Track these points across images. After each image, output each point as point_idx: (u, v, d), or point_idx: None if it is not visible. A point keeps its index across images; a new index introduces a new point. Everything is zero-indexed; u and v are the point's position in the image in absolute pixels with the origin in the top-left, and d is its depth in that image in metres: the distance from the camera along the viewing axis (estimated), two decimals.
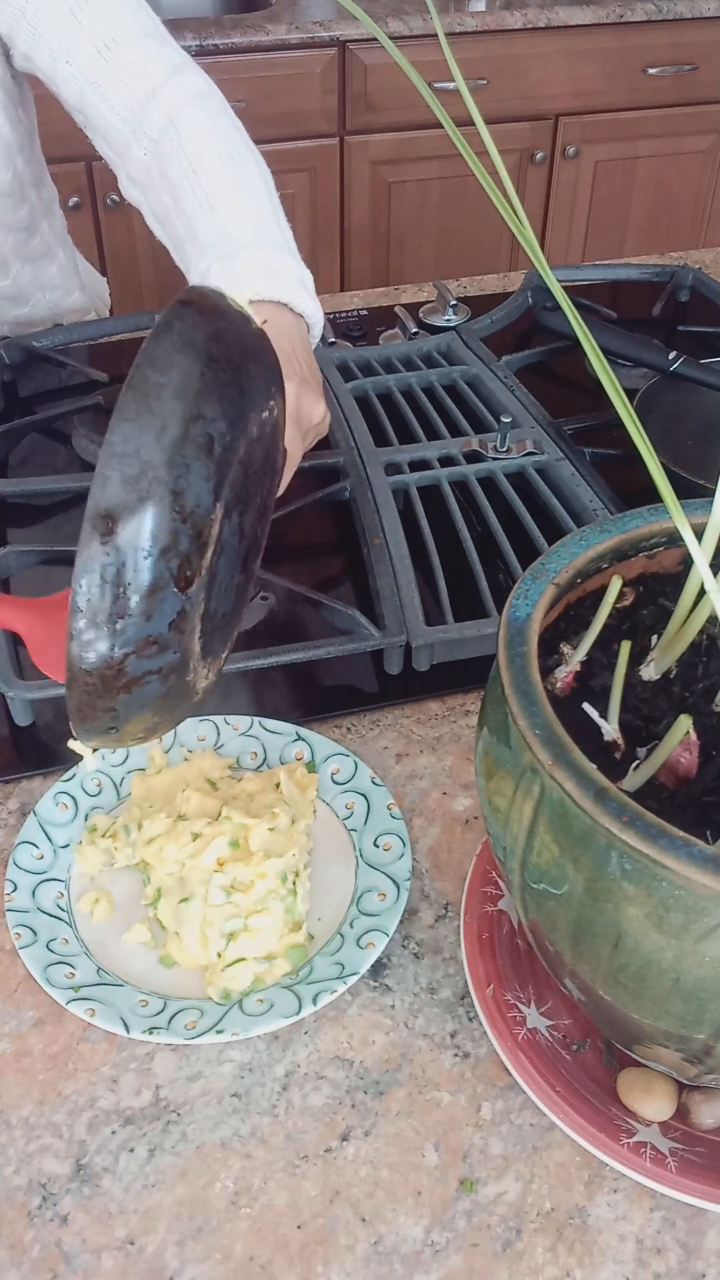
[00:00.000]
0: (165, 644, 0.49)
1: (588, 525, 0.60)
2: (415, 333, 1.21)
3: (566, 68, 2.30)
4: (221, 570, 0.54)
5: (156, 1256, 0.53)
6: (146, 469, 0.46)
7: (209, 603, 0.53)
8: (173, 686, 0.52)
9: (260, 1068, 0.60)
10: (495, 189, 0.47)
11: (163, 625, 0.48)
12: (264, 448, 0.56)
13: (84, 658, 0.47)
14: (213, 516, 0.49)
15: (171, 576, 0.47)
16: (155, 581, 0.47)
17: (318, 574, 0.92)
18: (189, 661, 0.52)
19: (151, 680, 0.50)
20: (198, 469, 0.48)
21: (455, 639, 0.81)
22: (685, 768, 0.50)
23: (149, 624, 0.48)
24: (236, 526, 0.54)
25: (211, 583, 0.52)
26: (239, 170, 0.90)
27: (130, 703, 0.50)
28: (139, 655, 0.48)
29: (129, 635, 0.47)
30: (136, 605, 0.47)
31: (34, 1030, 0.62)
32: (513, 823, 0.49)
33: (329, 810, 0.72)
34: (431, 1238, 0.54)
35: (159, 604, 0.47)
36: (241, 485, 0.53)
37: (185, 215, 0.89)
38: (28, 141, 1.13)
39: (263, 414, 0.54)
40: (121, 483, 0.46)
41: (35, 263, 1.22)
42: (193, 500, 0.47)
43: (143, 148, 0.93)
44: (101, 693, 0.49)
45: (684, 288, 1.33)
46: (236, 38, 2.05)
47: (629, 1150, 0.55)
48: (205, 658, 0.55)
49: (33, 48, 0.95)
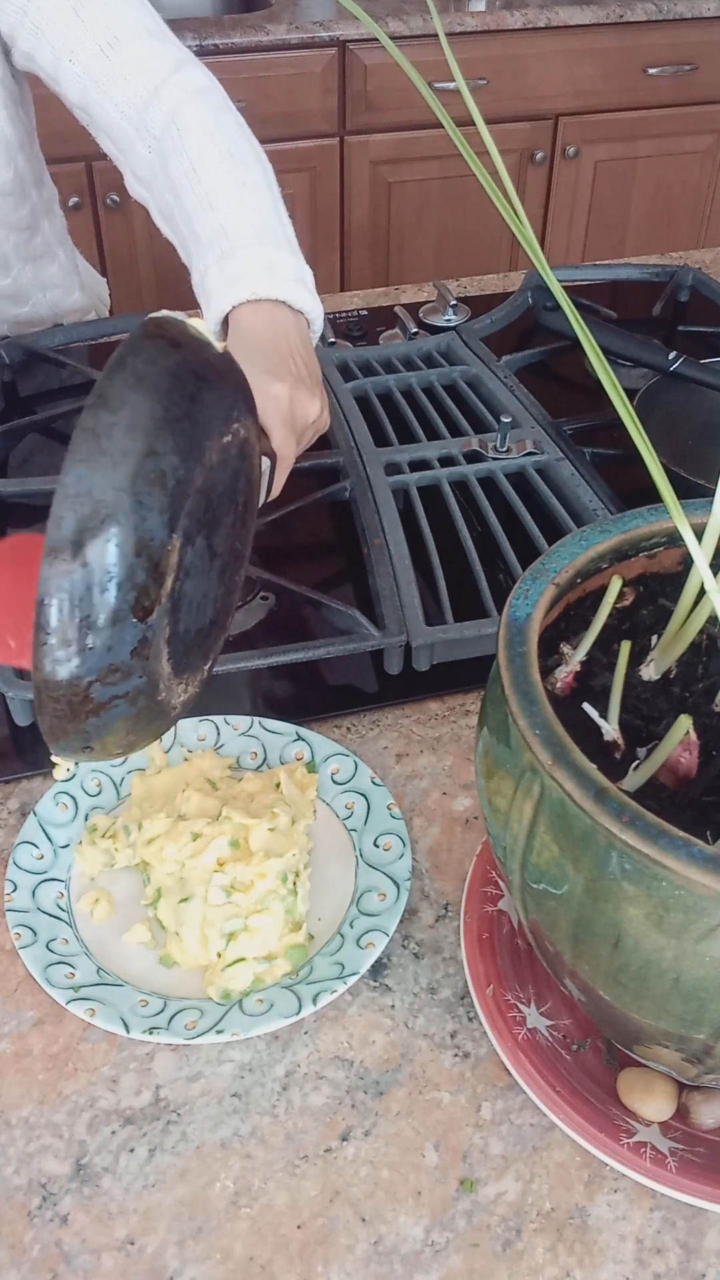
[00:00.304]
0: (129, 670, 0.50)
1: (588, 525, 0.60)
2: (415, 333, 1.22)
3: (566, 68, 2.30)
4: (189, 591, 0.55)
5: (156, 1256, 0.53)
6: (99, 508, 0.47)
7: (177, 625, 0.54)
8: (143, 708, 0.53)
9: (260, 1068, 0.60)
10: (495, 189, 0.47)
11: (124, 654, 0.50)
12: (230, 470, 0.57)
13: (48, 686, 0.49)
14: (169, 548, 0.50)
15: (130, 609, 0.49)
16: (113, 615, 0.48)
17: (318, 574, 0.92)
18: (158, 683, 0.53)
19: (119, 704, 0.51)
20: (151, 503, 0.49)
21: (455, 639, 0.81)
22: (685, 768, 0.50)
23: (110, 654, 0.49)
24: (204, 549, 0.56)
25: (176, 607, 0.53)
26: (239, 167, 0.90)
27: (100, 725, 0.52)
28: (103, 683, 0.50)
29: (91, 665, 0.49)
30: (96, 638, 0.48)
31: (34, 1030, 0.62)
32: (513, 823, 0.49)
33: (329, 810, 0.72)
34: (431, 1238, 0.54)
35: (119, 635, 0.49)
36: (204, 510, 0.54)
37: (186, 214, 0.89)
38: (28, 140, 1.13)
39: (223, 439, 0.55)
40: (75, 522, 0.47)
41: (36, 262, 1.22)
42: (147, 534, 0.49)
43: (146, 145, 0.93)
44: (70, 717, 0.50)
45: (684, 288, 1.33)
46: (236, 38, 2.05)
47: (629, 1150, 0.55)
48: (179, 675, 0.56)
49: (35, 46, 0.95)
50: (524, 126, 2.35)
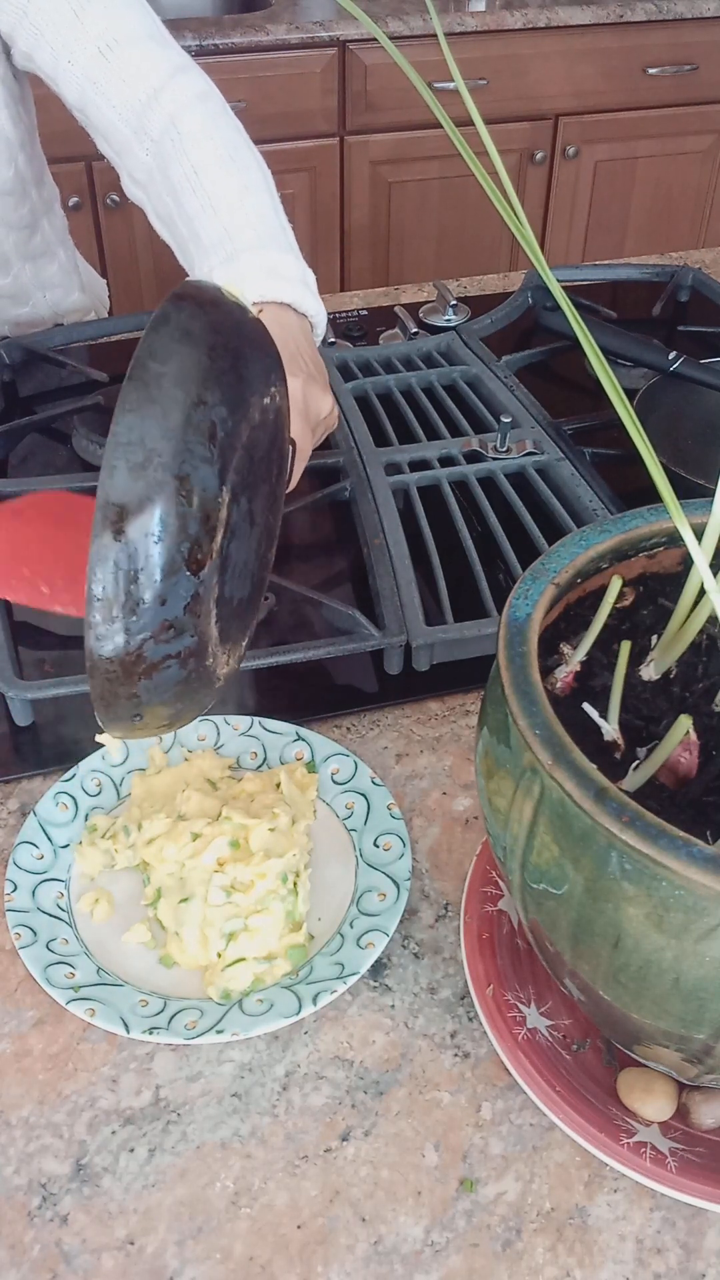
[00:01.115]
0: (182, 628, 0.50)
1: (588, 525, 0.60)
2: (415, 333, 1.21)
3: (566, 68, 2.30)
4: (234, 554, 0.55)
5: (156, 1256, 0.53)
6: (151, 456, 0.47)
7: (223, 587, 0.54)
8: (193, 671, 0.52)
9: (260, 1068, 0.60)
10: (495, 189, 0.47)
11: (178, 609, 0.49)
12: (268, 434, 0.57)
13: (102, 647, 0.48)
14: (220, 500, 0.50)
15: (183, 560, 0.48)
16: (168, 566, 0.48)
17: (318, 574, 0.92)
18: (207, 646, 0.53)
19: (171, 665, 0.51)
20: (202, 454, 0.48)
21: (455, 639, 0.81)
22: (685, 768, 0.50)
23: (164, 609, 0.48)
24: (246, 511, 0.55)
25: (224, 567, 0.53)
26: (240, 171, 0.90)
27: (152, 689, 0.51)
28: (156, 640, 0.49)
29: (145, 621, 0.48)
30: (151, 591, 0.48)
31: (34, 1030, 0.62)
32: (513, 823, 0.49)
33: (329, 810, 0.72)
34: (431, 1238, 0.54)
35: (173, 588, 0.48)
36: (248, 470, 0.54)
37: (187, 217, 0.89)
38: (29, 140, 1.13)
39: (264, 400, 0.55)
40: (128, 471, 0.47)
41: (36, 261, 1.22)
42: (199, 485, 0.48)
43: (144, 148, 0.94)
44: (123, 680, 0.50)
45: (684, 288, 1.33)
46: (236, 38, 2.05)
47: (629, 1150, 0.55)
48: (224, 643, 0.56)
49: (34, 47, 0.95)
50: (524, 126, 2.35)
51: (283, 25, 2.08)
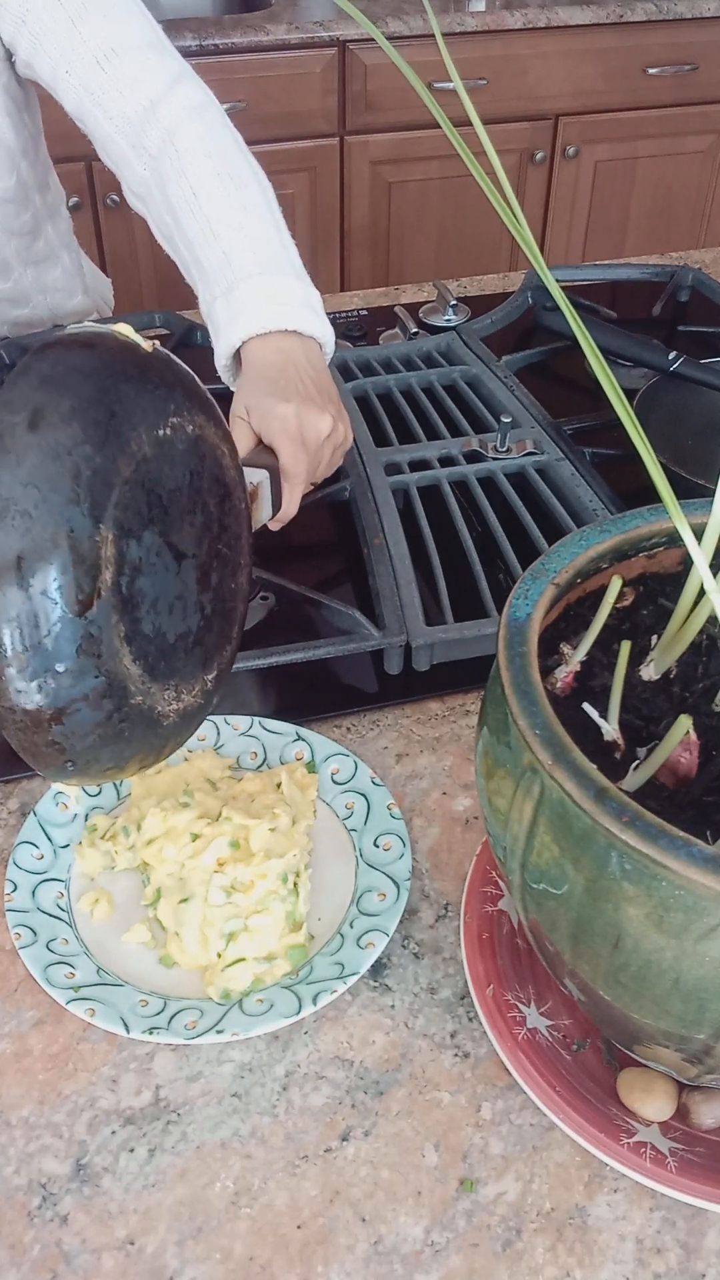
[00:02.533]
0: (80, 670, 0.50)
1: (588, 525, 0.60)
2: (415, 333, 1.22)
3: (566, 68, 2.30)
4: (147, 590, 0.54)
5: (156, 1256, 0.53)
6: (8, 505, 0.48)
7: (135, 624, 0.53)
8: (113, 712, 0.52)
9: (260, 1068, 0.60)
10: (493, 190, 0.47)
11: (68, 652, 0.49)
12: (181, 466, 0.57)
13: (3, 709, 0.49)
14: (98, 538, 0.50)
15: (63, 601, 0.48)
16: (44, 610, 0.48)
17: (318, 574, 0.92)
18: (125, 685, 0.52)
19: (80, 708, 0.50)
20: (64, 492, 0.49)
21: (455, 639, 0.81)
22: (685, 768, 0.50)
23: (50, 654, 0.49)
24: (158, 546, 0.55)
25: (129, 605, 0.52)
26: (239, 190, 0.89)
27: (70, 734, 0.51)
28: (58, 682, 0.49)
29: (37, 666, 0.48)
30: (33, 636, 0.48)
31: (34, 1030, 0.62)
32: (513, 823, 0.49)
33: (329, 810, 0.72)
34: (431, 1238, 0.54)
35: (59, 631, 0.48)
36: (146, 504, 0.54)
37: (188, 240, 0.89)
38: (32, 146, 1.12)
39: (158, 432, 0.55)
40: None
41: (38, 266, 1.22)
42: (65, 525, 0.49)
43: (142, 163, 0.93)
44: (34, 729, 0.50)
45: (684, 288, 1.33)
46: (236, 38, 2.05)
47: (629, 1150, 0.55)
48: (158, 679, 0.55)
49: (34, 56, 0.95)
50: (524, 126, 2.35)
51: (283, 25, 2.08)
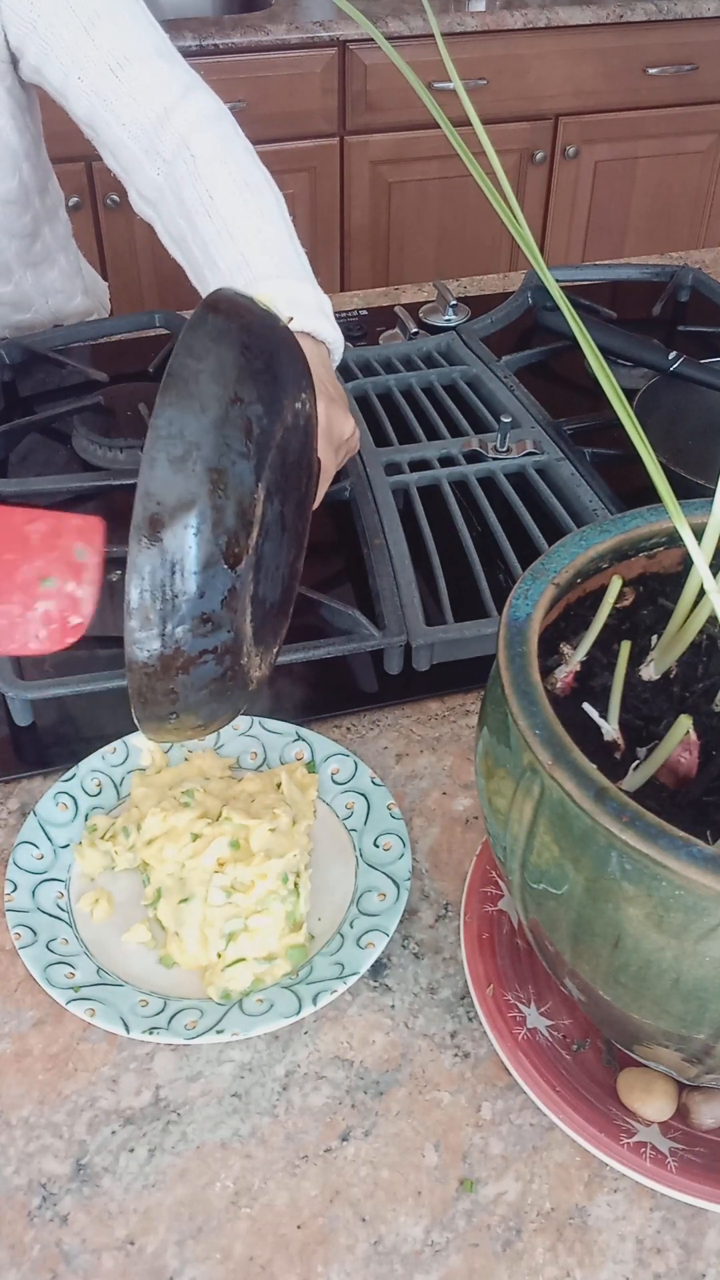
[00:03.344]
0: (219, 622, 0.51)
1: (588, 525, 0.60)
2: (415, 333, 1.22)
3: (566, 68, 2.30)
4: (267, 554, 0.55)
5: (156, 1256, 0.53)
6: (191, 450, 0.48)
7: (258, 586, 0.54)
8: (229, 669, 0.53)
9: (260, 1068, 0.60)
10: (492, 190, 0.47)
11: (215, 602, 0.50)
12: (299, 439, 0.58)
13: (142, 640, 0.49)
14: (256, 496, 0.51)
15: (221, 553, 0.49)
16: (206, 558, 0.49)
17: (318, 574, 0.92)
18: (242, 644, 0.53)
19: (208, 660, 0.51)
20: (238, 448, 0.50)
21: (455, 639, 0.81)
22: (685, 768, 0.50)
23: (202, 601, 0.50)
24: (278, 514, 0.56)
25: (259, 565, 0.54)
26: (255, 197, 0.90)
27: (189, 685, 0.52)
28: (195, 634, 0.50)
29: (184, 613, 0.49)
30: (190, 584, 0.49)
31: (34, 1030, 0.62)
32: (513, 823, 0.49)
33: (329, 810, 0.72)
34: (431, 1238, 0.54)
35: (210, 580, 0.49)
36: (280, 472, 0.55)
37: (202, 241, 0.90)
38: (34, 149, 1.12)
39: (296, 404, 0.56)
40: (169, 464, 0.48)
41: (37, 268, 1.22)
42: (236, 479, 0.50)
43: (156, 168, 0.93)
44: (160, 675, 0.51)
45: (684, 288, 1.33)
46: (236, 38, 2.05)
47: (629, 1150, 0.55)
48: (257, 645, 0.57)
49: (43, 61, 0.95)
50: (524, 126, 2.35)
51: (283, 25, 2.08)
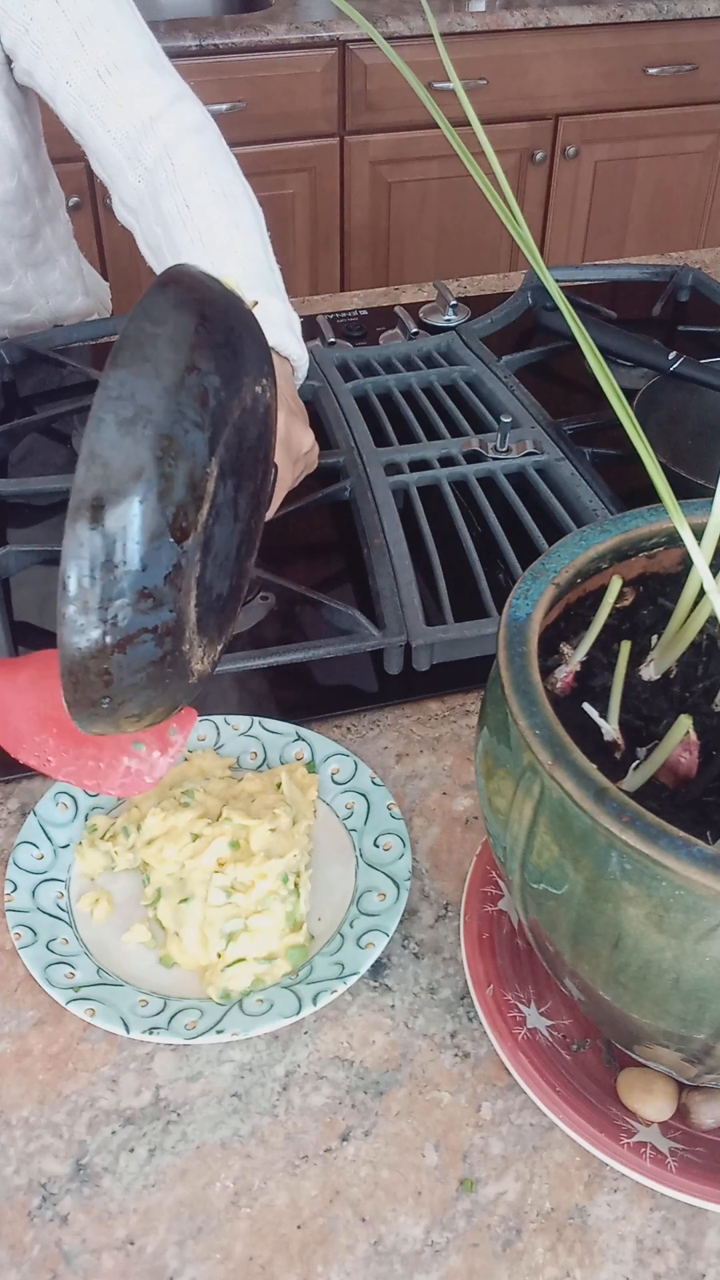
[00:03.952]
0: (161, 598, 0.48)
1: (588, 525, 0.60)
2: (415, 333, 1.22)
3: (566, 68, 2.30)
4: (217, 538, 0.53)
5: (156, 1256, 0.53)
6: (141, 413, 0.45)
7: (205, 570, 0.52)
8: (168, 653, 0.50)
9: (260, 1068, 0.60)
10: (492, 190, 0.47)
11: (158, 577, 0.47)
12: (257, 425, 0.56)
13: (77, 613, 0.46)
14: (208, 470, 0.48)
15: (167, 525, 0.46)
16: (153, 529, 0.46)
17: (318, 574, 0.92)
18: (185, 627, 0.51)
19: (147, 640, 0.48)
20: (192, 417, 0.47)
21: (455, 639, 0.81)
22: (685, 768, 0.50)
23: (144, 575, 0.46)
24: (231, 498, 0.54)
25: (208, 547, 0.51)
26: (232, 209, 0.90)
27: (125, 665, 0.48)
28: (135, 609, 0.47)
29: (124, 585, 0.46)
30: (132, 554, 0.46)
31: (34, 1030, 0.62)
32: (513, 823, 0.49)
33: (329, 810, 0.72)
34: (431, 1238, 0.54)
35: (154, 553, 0.46)
36: (236, 454, 0.53)
37: (176, 250, 0.89)
38: (33, 149, 1.12)
39: (255, 386, 0.54)
40: (116, 426, 0.45)
41: (38, 269, 1.22)
42: (188, 447, 0.47)
43: (137, 175, 0.93)
44: (96, 653, 0.47)
45: (684, 288, 1.34)
46: (236, 38, 2.05)
47: (629, 1150, 0.55)
48: (201, 634, 0.54)
49: (34, 64, 0.95)
50: (524, 126, 2.35)
51: (283, 25, 2.08)
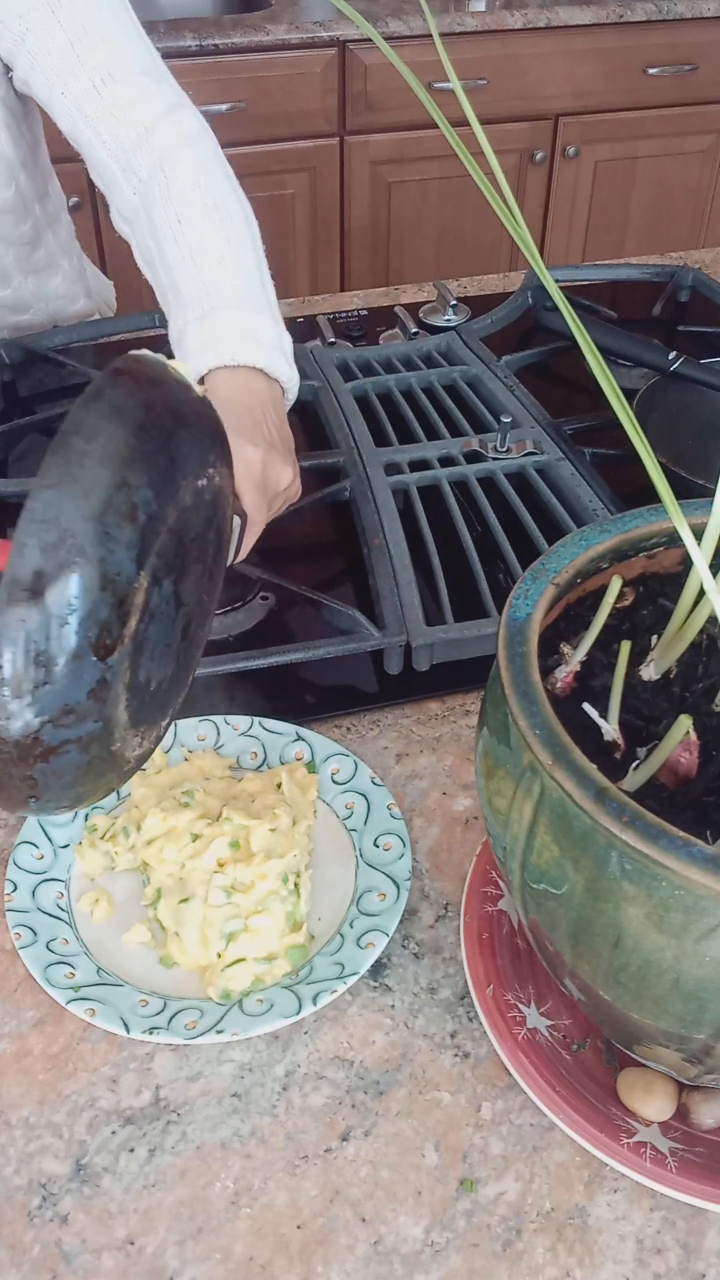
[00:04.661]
0: (84, 713, 0.49)
1: (588, 525, 0.60)
2: (415, 333, 1.22)
3: (566, 68, 2.30)
4: (152, 637, 0.53)
5: (156, 1256, 0.53)
6: (65, 536, 0.46)
7: (136, 671, 0.52)
8: (95, 756, 0.51)
9: (260, 1068, 0.60)
10: (491, 190, 0.47)
11: (81, 694, 0.48)
12: (202, 516, 0.56)
13: (4, 728, 0.47)
14: (136, 585, 0.49)
15: (90, 645, 0.47)
16: (73, 650, 0.47)
17: (318, 574, 0.92)
18: (113, 731, 0.51)
19: (70, 750, 0.49)
20: (120, 536, 0.47)
21: (455, 639, 0.81)
22: (685, 768, 0.50)
23: (66, 694, 0.47)
24: (170, 594, 0.54)
25: (138, 651, 0.52)
26: (225, 223, 0.88)
27: (49, 772, 0.50)
28: (56, 724, 0.48)
29: (44, 705, 0.47)
30: (52, 674, 0.46)
31: (34, 1030, 0.62)
32: (513, 823, 0.49)
33: (329, 810, 0.72)
34: (431, 1238, 0.54)
35: (77, 673, 0.47)
36: (174, 553, 0.53)
37: (168, 265, 0.88)
38: (31, 157, 1.11)
39: (198, 482, 0.54)
40: (40, 549, 0.45)
41: (38, 275, 1.22)
42: (114, 568, 0.47)
43: (131, 187, 0.92)
44: (17, 761, 0.48)
45: (684, 288, 1.34)
46: (236, 38, 2.05)
47: (629, 1150, 0.55)
48: (136, 726, 0.55)
49: (30, 74, 0.94)
50: (524, 126, 2.35)
51: (283, 25, 2.08)
